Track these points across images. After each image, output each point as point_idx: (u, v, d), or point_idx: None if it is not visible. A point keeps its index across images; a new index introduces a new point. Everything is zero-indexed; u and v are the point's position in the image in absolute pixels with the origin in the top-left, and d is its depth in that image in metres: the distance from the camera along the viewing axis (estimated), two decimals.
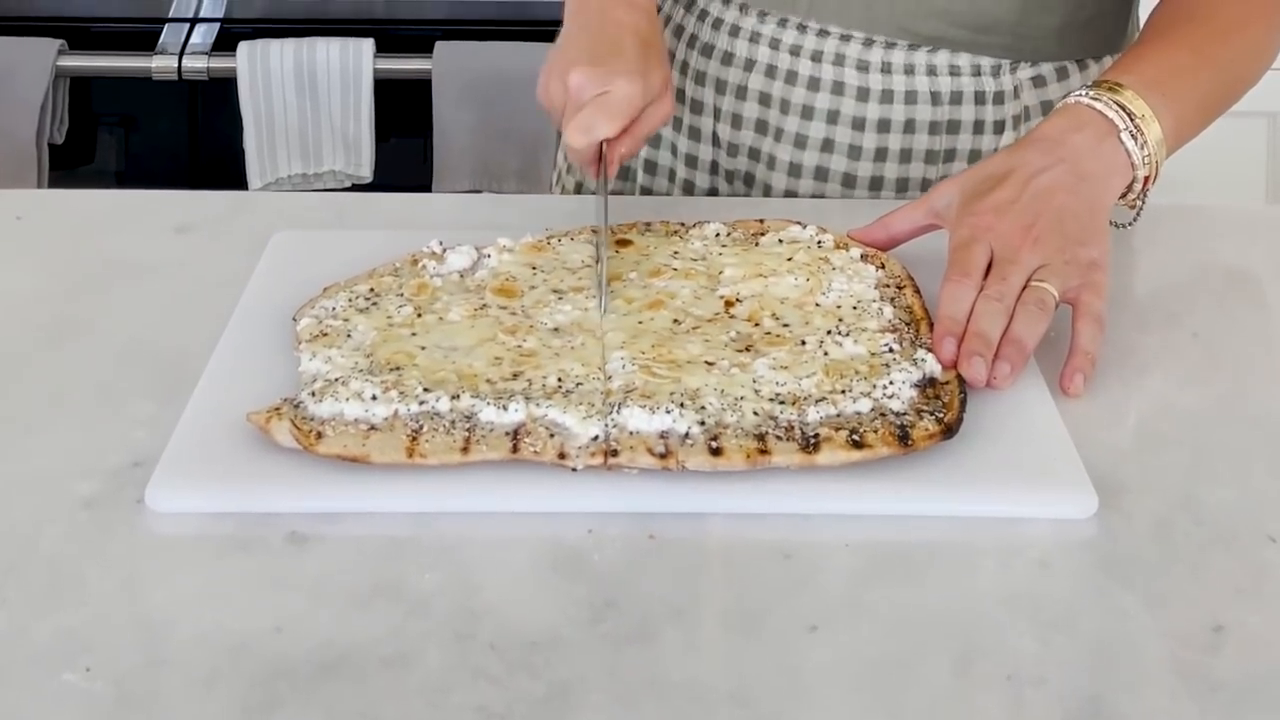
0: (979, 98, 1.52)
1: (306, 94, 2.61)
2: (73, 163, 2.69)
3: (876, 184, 1.53)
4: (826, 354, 1.14)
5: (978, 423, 1.10)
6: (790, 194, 1.55)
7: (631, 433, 1.05)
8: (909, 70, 1.50)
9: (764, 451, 1.04)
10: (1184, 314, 1.30)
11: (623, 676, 0.91)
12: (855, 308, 1.21)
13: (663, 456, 1.04)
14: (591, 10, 1.39)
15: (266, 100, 2.60)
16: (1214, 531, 1.04)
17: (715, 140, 1.59)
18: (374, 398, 1.07)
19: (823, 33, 1.51)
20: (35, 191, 2.39)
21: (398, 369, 1.11)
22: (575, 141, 1.30)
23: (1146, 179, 1.28)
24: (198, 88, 2.68)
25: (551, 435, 1.05)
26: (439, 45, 2.62)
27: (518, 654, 0.92)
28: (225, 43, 2.64)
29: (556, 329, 1.17)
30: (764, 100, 1.55)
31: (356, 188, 2.67)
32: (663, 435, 1.05)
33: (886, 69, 1.50)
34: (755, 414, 1.07)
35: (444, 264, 1.27)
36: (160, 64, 2.61)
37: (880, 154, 1.53)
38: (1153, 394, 1.20)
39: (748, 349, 1.15)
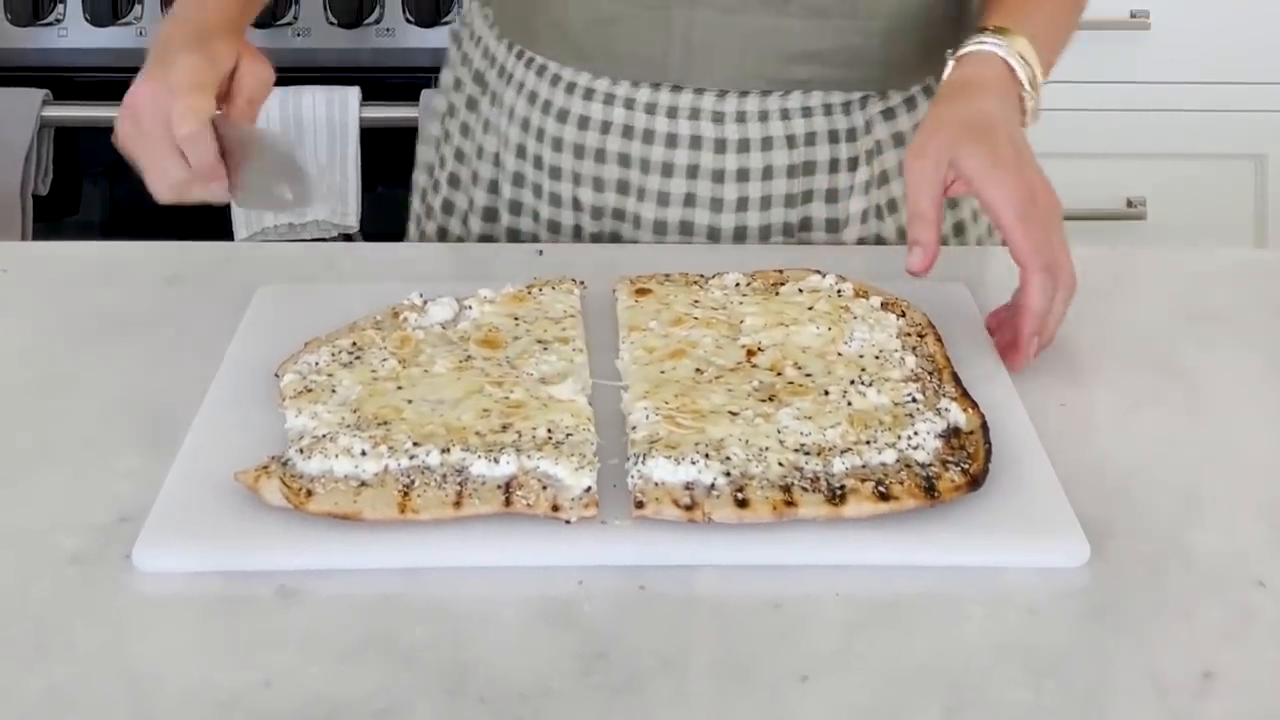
0: (833, 136, 1.52)
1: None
2: (57, 214, 2.68)
3: (740, 234, 1.53)
4: (850, 404, 1.14)
5: None
6: None
7: (657, 483, 1.05)
8: (763, 117, 1.51)
9: (790, 503, 1.04)
10: (1171, 358, 1.31)
11: None
12: (877, 357, 1.21)
13: (688, 508, 1.04)
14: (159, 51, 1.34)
15: None
16: (1204, 577, 1.04)
17: (577, 204, 1.56)
18: (363, 453, 1.07)
19: (676, 88, 1.50)
20: (20, 244, 2.39)
21: (385, 423, 1.11)
22: (181, 128, 1.26)
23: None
24: None
25: (544, 488, 1.05)
26: (425, 93, 2.62)
27: (508, 706, 0.92)
28: None
29: (543, 379, 1.17)
30: (624, 161, 1.53)
31: (344, 237, 2.66)
32: (688, 486, 1.05)
33: (741, 118, 1.50)
34: (780, 465, 1.07)
35: (425, 316, 1.26)
36: None
37: (742, 204, 1.52)
38: (1141, 438, 1.20)
39: (771, 399, 1.15)
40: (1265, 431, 1.22)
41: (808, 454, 1.08)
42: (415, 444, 1.08)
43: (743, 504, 1.04)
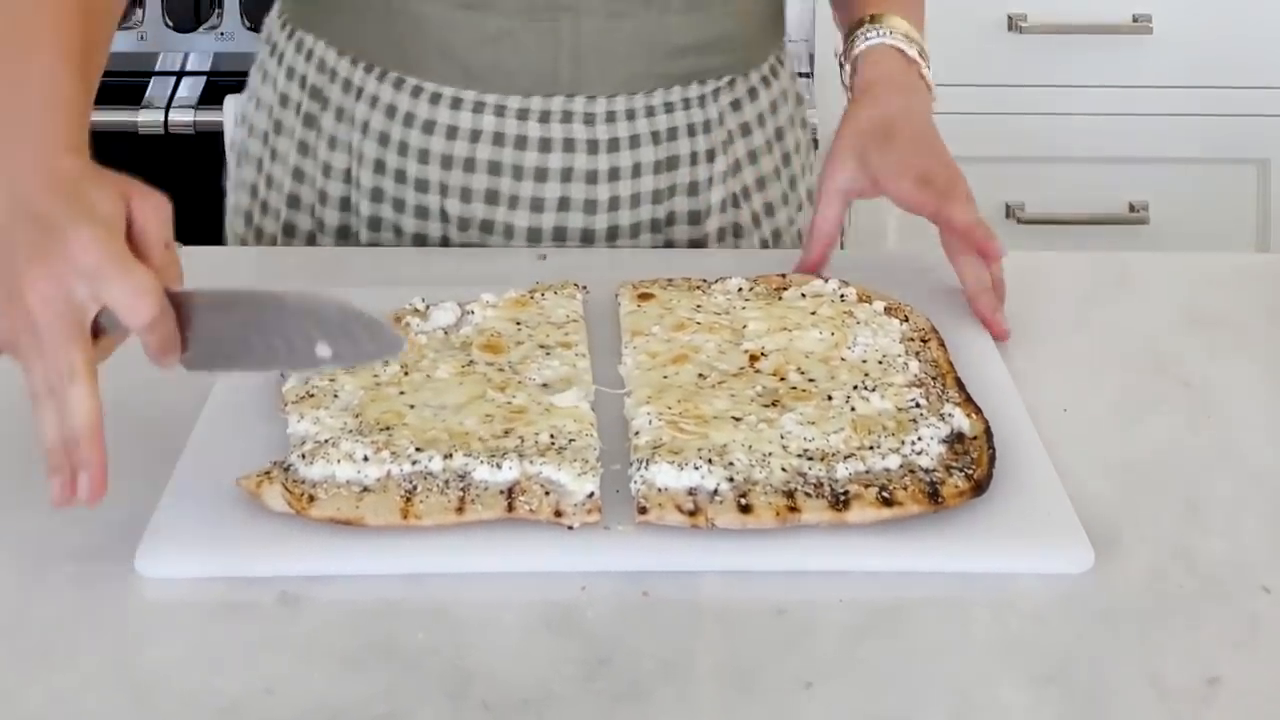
0: (691, 130, 1.54)
1: None
2: None
3: (613, 234, 1.53)
4: (854, 409, 1.14)
5: None
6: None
7: (660, 489, 1.05)
8: (630, 115, 1.51)
9: (794, 509, 1.04)
10: (1175, 363, 1.31)
11: None
12: (881, 362, 1.21)
13: (691, 514, 1.04)
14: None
15: None
16: (1208, 583, 1.04)
17: (444, 216, 1.53)
18: (365, 459, 1.06)
19: (549, 92, 1.50)
20: None
21: (388, 429, 1.11)
22: (143, 315, 1.01)
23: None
24: (184, 141, 2.67)
25: (547, 493, 1.05)
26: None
27: (511, 712, 0.92)
28: (212, 96, 2.64)
29: (546, 385, 1.17)
30: (494, 169, 1.51)
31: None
32: (691, 492, 1.05)
33: (611, 118, 1.51)
34: (784, 470, 1.07)
35: (428, 321, 1.26)
36: (146, 118, 2.61)
37: (613, 203, 1.52)
38: (1144, 444, 1.20)
39: (774, 404, 1.15)
40: (1269, 436, 1.21)
41: (811, 459, 1.08)
42: (418, 449, 1.07)
43: (746, 509, 1.04)
